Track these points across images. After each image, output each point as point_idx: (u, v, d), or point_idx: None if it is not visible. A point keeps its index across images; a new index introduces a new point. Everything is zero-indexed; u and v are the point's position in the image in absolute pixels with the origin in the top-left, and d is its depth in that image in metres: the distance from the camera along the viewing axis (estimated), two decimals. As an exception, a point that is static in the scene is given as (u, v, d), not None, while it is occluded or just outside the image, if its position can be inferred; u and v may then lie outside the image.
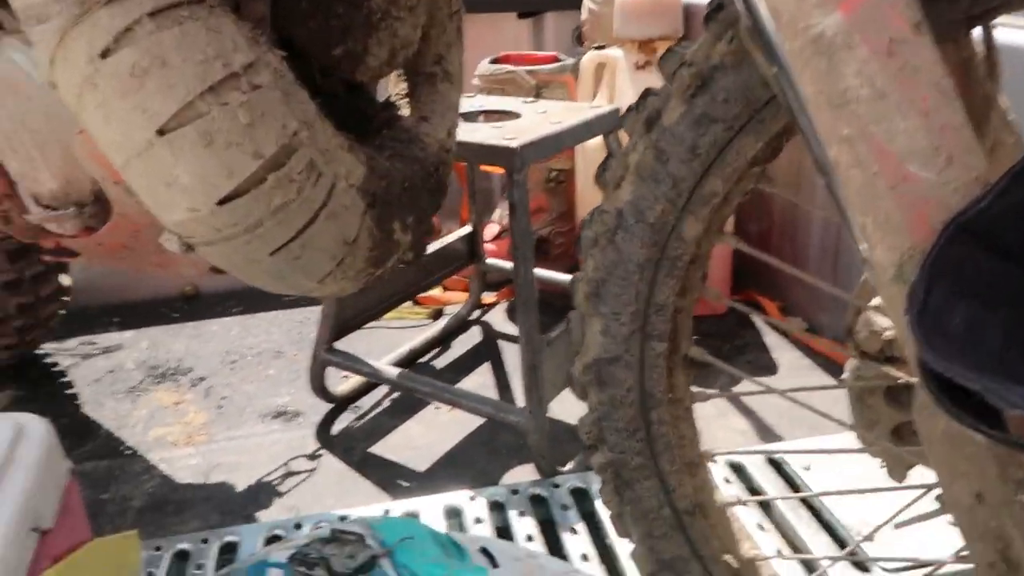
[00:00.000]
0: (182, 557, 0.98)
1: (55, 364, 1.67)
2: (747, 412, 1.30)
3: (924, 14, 0.41)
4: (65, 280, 1.60)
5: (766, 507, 1.01)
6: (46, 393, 1.55)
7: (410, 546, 0.56)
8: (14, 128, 0.90)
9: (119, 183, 0.81)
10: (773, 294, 1.72)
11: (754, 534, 0.94)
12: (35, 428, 0.59)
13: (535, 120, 1.28)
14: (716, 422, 1.29)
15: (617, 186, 0.63)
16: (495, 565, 0.56)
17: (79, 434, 1.39)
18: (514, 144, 1.11)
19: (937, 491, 0.45)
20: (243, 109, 0.62)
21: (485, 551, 0.59)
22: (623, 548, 0.91)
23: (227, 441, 1.33)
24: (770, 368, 1.48)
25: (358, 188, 0.72)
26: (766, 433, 1.25)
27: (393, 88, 1.09)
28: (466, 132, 1.19)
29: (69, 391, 1.55)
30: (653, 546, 0.70)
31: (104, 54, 0.60)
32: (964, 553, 0.43)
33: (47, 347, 1.73)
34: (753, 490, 1.05)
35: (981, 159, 0.41)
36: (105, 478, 1.25)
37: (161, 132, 0.61)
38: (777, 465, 1.08)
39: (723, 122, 0.57)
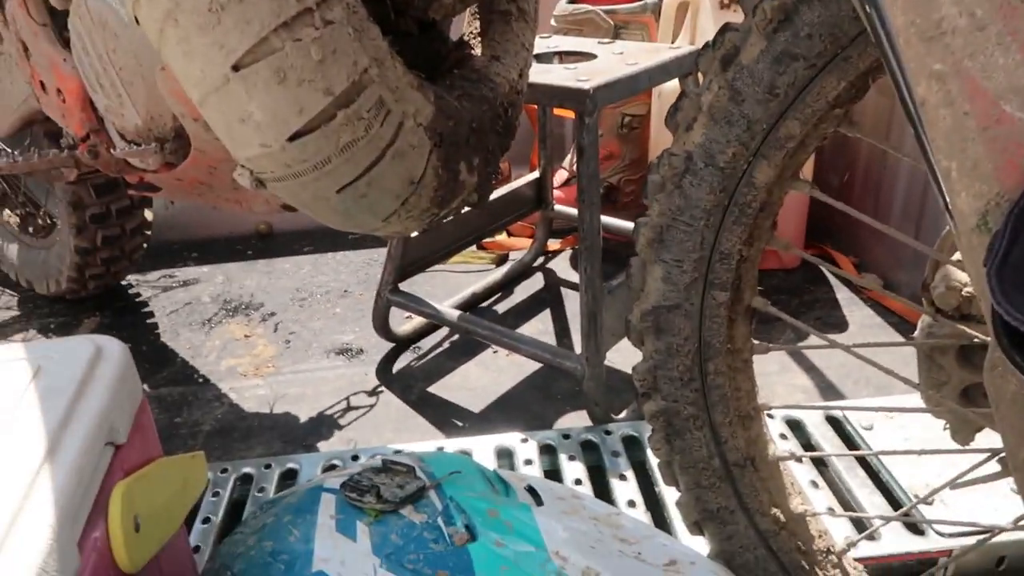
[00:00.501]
0: (246, 480, 1.02)
1: (137, 295, 1.75)
2: (811, 369, 1.27)
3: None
4: (148, 215, 1.66)
5: (821, 464, 0.99)
6: (128, 322, 1.62)
7: (458, 480, 0.57)
8: (102, 64, 0.92)
9: (197, 119, 0.83)
10: (849, 249, 1.66)
11: (807, 491, 0.93)
12: (113, 349, 0.62)
13: (611, 61, 1.25)
14: (778, 378, 1.26)
15: (688, 128, 0.61)
16: (539, 503, 0.57)
17: (156, 361, 1.46)
18: (586, 86, 1.09)
19: (1001, 455, 0.43)
20: (315, 45, 0.62)
21: (531, 489, 0.59)
22: (671, 497, 0.91)
23: (292, 374, 1.38)
24: (840, 325, 1.43)
25: (425, 127, 0.72)
26: (829, 391, 1.22)
27: (467, 27, 1.07)
28: (538, 73, 1.17)
29: (149, 321, 1.63)
30: (700, 495, 0.70)
31: (182, -13, 0.61)
32: (1032, 518, 0.42)
33: (130, 279, 1.81)
34: (810, 446, 1.03)
35: (1086, 102, 0.38)
36: (179, 403, 1.31)
37: (236, 68, 0.62)
38: (837, 423, 1.05)
39: (805, 60, 0.54)
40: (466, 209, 0.92)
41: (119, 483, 0.54)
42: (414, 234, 1.33)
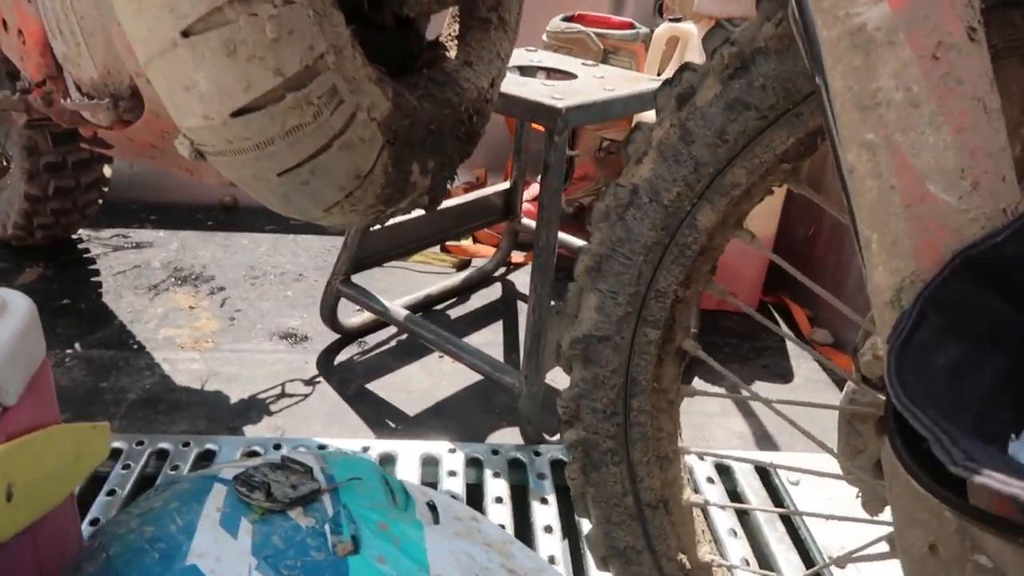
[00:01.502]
0: (161, 456, 0.99)
1: (87, 251, 1.71)
2: (750, 415, 1.27)
3: (983, 20, 0.37)
4: (107, 171, 1.62)
5: (744, 513, 0.99)
6: (72, 277, 1.58)
7: (356, 487, 0.55)
8: (64, 10, 0.90)
9: (151, 80, 0.81)
10: (806, 302, 1.67)
11: (725, 538, 0.92)
12: (18, 304, 0.60)
13: (590, 84, 1.24)
14: (716, 420, 1.26)
15: (639, 161, 0.60)
16: (436, 521, 0.55)
17: (93, 321, 1.42)
18: (559, 104, 1.08)
19: (891, 534, 0.43)
20: (271, 23, 0.60)
21: (432, 506, 0.58)
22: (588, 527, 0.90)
23: (231, 352, 1.35)
24: (785, 376, 1.44)
25: (379, 122, 0.70)
26: (765, 441, 1.23)
27: (446, 29, 1.06)
28: (516, 85, 1.16)
29: (94, 279, 1.58)
30: (610, 531, 0.69)
31: (139, -57, 0.59)
32: (910, 603, 0.41)
33: (82, 233, 1.77)
34: (735, 494, 1.03)
35: (1013, 191, 0.37)
36: (108, 368, 1.27)
37: (186, 34, 0.60)
38: (765, 473, 1.05)
39: (757, 110, 0.53)
40: (420, 211, 0.91)
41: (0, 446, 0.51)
42: (371, 228, 1.31)
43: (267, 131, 0.63)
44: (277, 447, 1.02)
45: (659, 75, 1.74)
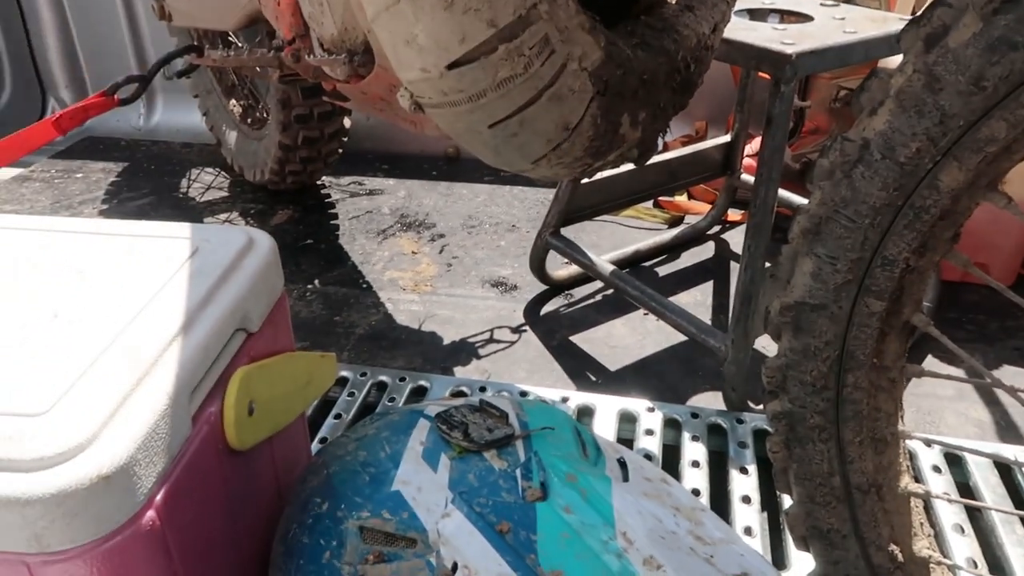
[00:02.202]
0: (381, 387, 1.08)
1: (327, 196, 1.88)
2: (993, 403, 1.13)
3: None
4: (347, 123, 1.76)
5: (976, 510, 0.89)
6: (314, 220, 1.75)
7: (548, 436, 0.56)
8: (309, -29, 0.97)
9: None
10: (1077, 279, 1.43)
11: (949, 534, 0.83)
12: (263, 243, 0.67)
13: (828, 26, 1.14)
14: (950, 405, 1.13)
15: (872, 113, 0.54)
16: (626, 479, 0.55)
17: (331, 260, 1.57)
18: (789, 50, 1.00)
19: None
20: (487, -27, 0.61)
21: (622, 463, 0.57)
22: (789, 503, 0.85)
23: (447, 296, 1.43)
24: (1043, 362, 1.25)
25: (590, 73, 0.69)
26: (1009, 432, 1.08)
27: (667, -29, 1.01)
28: (743, 30, 1.09)
29: (332, 222, 1.74)
30: (812, 511, 0.64)
31: (370, -97, 0.62)
32: None
33: (324, 180, 1.95)
34: (965, 488, 0.92)
35: None
36: (341, 303, 1.40)
37: (408, -11, 0.62)
38: (1006, 469, 0.93)
39: (1026, 52, 0.45)
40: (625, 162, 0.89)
41: (240, 368, 0.58)
42: (581, 181, 1.31)
43: (480, 83, 0.64)
44: (483, 389, 1.07)
45: (914, 15, 1.54)
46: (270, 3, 1.14)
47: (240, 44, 1.65)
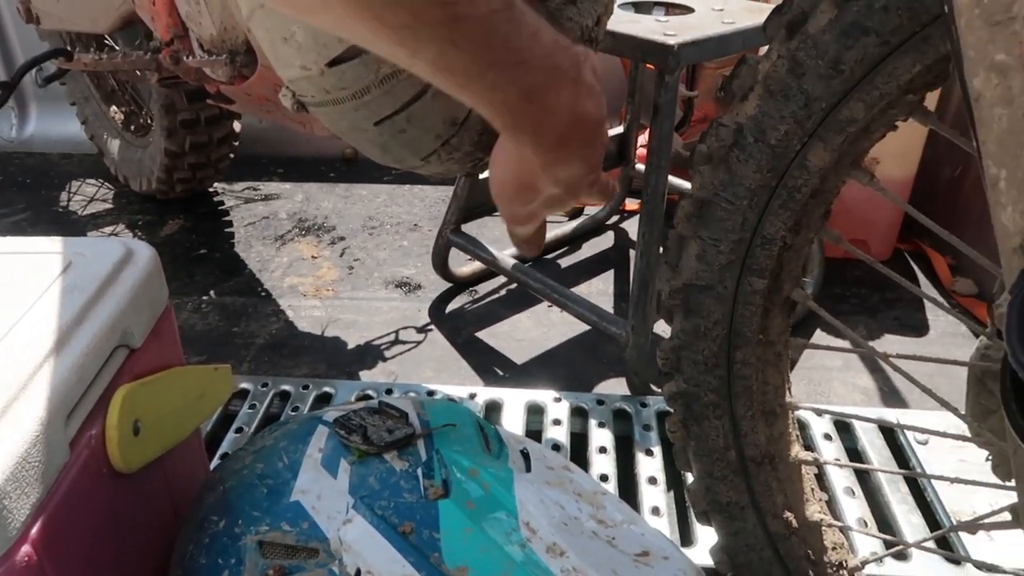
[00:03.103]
0: (284, 397, 1.05)
1: (221, 203, 1.81)
2: (876, 371, 1.20)
3: None
4: (237, 127, 1.70)
5: (865, 472, 0.94)
6: (207, 228, 1.69)
7: (450, 433, 0.56)
8: (184, -31, 0.93)
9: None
10: (946, 248, 1.53)
11: (841, 497, 0.88)
12: (142, 254, 0.64)
13: (708, 17, 1.17)
14: (838, 375, 1.19)
15: (744, 98, 0.56)
16: (528, 469, 0.55)
17: (226, 270, 1.51)
18: (671, 41, 1.02)
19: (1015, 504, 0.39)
20: (363, -33, 0.60)
21: (525, 454, 0.58)
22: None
23: (350, 300, 1.40)
24: (920, 329, 1.34)
25: (475, 66, 0.69)
26: (892, 397, 1.15)
27: (551, -34, 1.02)
28: (627, 23, 1.11)
29: (227, 230, 1.68)
30: (711, 486, 0.67)
31: None
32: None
33: (217, 187, 1.87)
34: (855, 452, 0.97)
35: None
36: (239, 313, 1.36)
37: (282, -17, 0.60)
38: (890, 432, 0.99)
39: (878, 35, 0.48)
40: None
41: (122, 386, 0.56)
42: (478, 177, 1.31)
43: (363, 80, 0.63)
44: (389, 392, 1.05)
45: (786, 6, 1.62)
46: (146, 4, 1.08)
47: (117, 47, 1.57)
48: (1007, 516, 0.51)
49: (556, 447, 0.95)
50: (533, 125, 0.42)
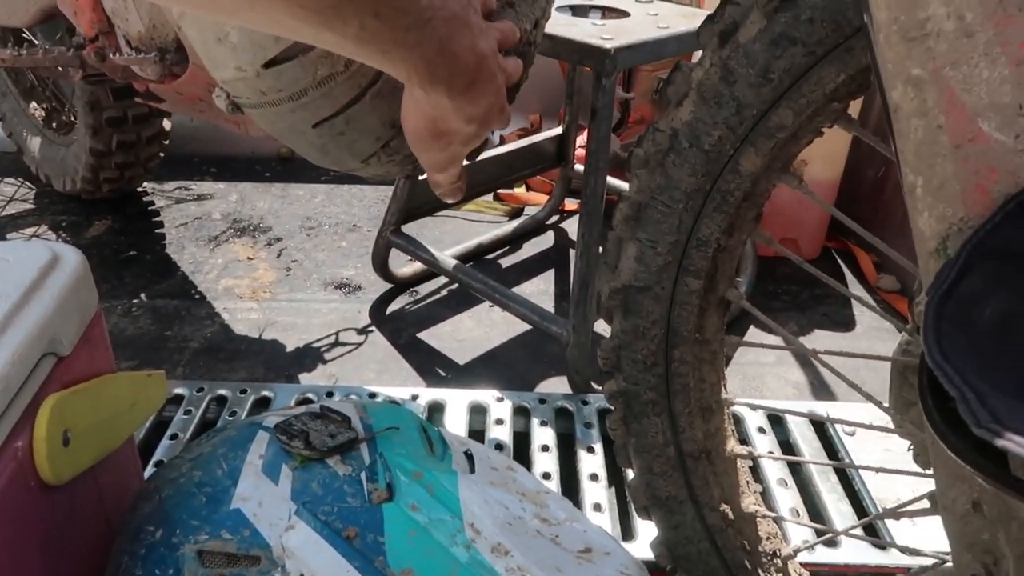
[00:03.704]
0: (221, 402, 1.03)
1: (151, 203, 1.76)
2: (807, 365, 1.24)
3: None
4: (167, 125, 1.65)
5: (797, 463, 0.97)
6: (137, 229, 1.63)
7: (393, 436, 0.56)
8: (110, -37, 0.90)
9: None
10: (871, 246, 1.60)
11: (774, 489, 0.91)
12: (69, 258, 0.61)
13: (643, 22, 1.20)
14: (772, 370, 1.23)
15: (678, 104, 0.58)
16: (472, 470, 0.56)
17: (158, 272, 1.47)
18: (607, 45, 1.04)
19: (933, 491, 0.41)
20: (300, -33, 0.59)
21: (468, 455, 0.58)
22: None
23: (288, 302, 1.38)
24: (847, 324, 1.39)
25: (415, 68, 0.69)
26: (822, 390, 1.19)
27: (489, -32, 1.03)
28: (564, 26, 1.13)
29: (158, 231, 1.63)
30: (651, 481, 0.68)
31: None
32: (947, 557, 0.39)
33: (147, 186, 1.82)
34: (788, 445, 1.01)
35: (1079, 129, 0.34)
36: (172, 317, 1.32)
37: (216, -19, 0.59)
38: (820, 424, 1.02)
39: (804, 45, 0.50)
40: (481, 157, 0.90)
41: (50, 395, 0.54)
42: (418, 178, 1.31)
43: (300, 82, 0.62)
44: (330, 394, 1.04)
45: (718, 11, 1.66)
46: (67, -3, 1.04)
47: (37, 42, 1.50)
48: (927, 503, 0.53)
49: (499, 447, 0.96)
50: (447, 72, 0.48)
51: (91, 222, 1.65)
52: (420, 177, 1.32)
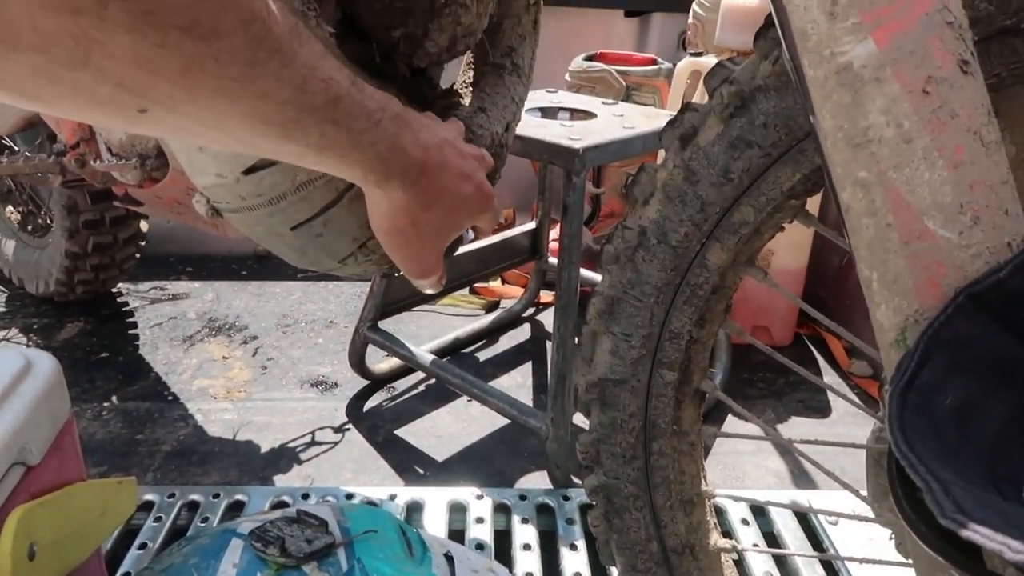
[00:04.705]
0: (192, 507, 1.00)
1: (125, 304, 1.75)
2: (786, 453, 1.24)
3: (975, 51, 0.37)
4: (144, 226, 1.67)
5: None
6: (110, 331, 1.62)
7: (371, 540, 0.55)
8: (93, 75, 0.93)
9: (175, 139, 0.83)
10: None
11: (761, 583, 0.90)
12: (43, 365, 0.61)
13: (609, 122, 1.25)
14: (751, 459, 1.23)
15: (645, 202, 0.60)
16: (453, 574, 0.54)
17: (130, 374, 1.45)
18: (576, 145, 1.08)
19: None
20: (280, 80, 0.62)
21: (449, 557, 0.57)
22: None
23: (263, 401, 1.36)
24: (823, 411, 1.40)
25: (391, 172, 0.71)
26: (802, 479, 1.19)
27: (461, 76, 1.08)
28: (534, 128, 1.17)
29: (131, 332, 1.62)
30: (635, 581, 0.67)
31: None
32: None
33: (121, 287, 1.81)
34: (771, 536, 0.99)
35: (1018, 224, 0.36)
36: (143, 419, 1.29)
37: (198, 95, 0.61)
38: (802, 514, 1.02)
39: (760, 148, 0.53)
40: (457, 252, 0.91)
41: (17, 507, 0.52)
42: (394, 275, 1.33)
43: (279, 187, 0.64)
44: (305, 496, 1.02)
45: (681, 111, 1.74)
46: (49, 107, 1.07)
47: (17, 148, 1.53)
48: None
49: (480, 547, 0.93)
50: (399, 165, 0.51)
51: (63, 324, 1.64)
52: (397, 274, 1.33)
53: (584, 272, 1.46)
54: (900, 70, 0.36)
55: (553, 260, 1.70)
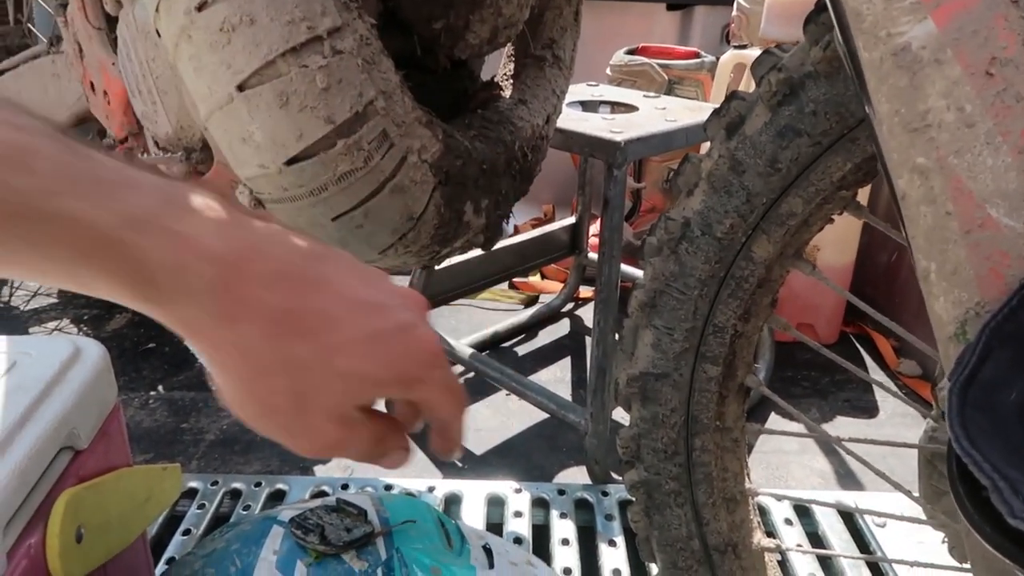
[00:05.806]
0: (235, 495, 1.02)
1: (172, 295, 1.78)
2: (831, 453, 1.21)
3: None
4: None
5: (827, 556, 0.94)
6: (157, 322, 1.65)
7: (410, 530, 0.55)
8: (142, 71, 0.95)
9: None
10: (890, 331, 1.58)
11: (805, 584, 0.88)
12: (91, 352, 0.62)
13: (651, 115, 1.24)
14: (795, 459, 1.20)
15: (689, 194, 0.59)
16: (491, 566, 0.54)
17: (176, 364, 1.48)
18: (618, 138, 1.07)
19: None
20: (321, 73, 0.62)
21: (487, 549, 0.57)
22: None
23: (304, 393, 1.37)
24: (870, 411, 1.37)
25: (431, 164, 0.71)
26: (848, 479, 1.16)
27: (502, 69, 1.07)
28: (575, 121, 1.16)
29: (178, 322, 1.65)
30: (675, 578, 0.66)
31: (200, 7, 0.62)
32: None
33: (168, 279, 1.85)
34: (816, 537, 0.97)
35: (1088, 213, 0.34)
36: (188, 409, 1.32)
37: (241, 88, 0.62)
38: (849, 515, 0.99)
39: (809, 136, 0.51)
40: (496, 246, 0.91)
41: (65, 491, 0.53)
42: (435, 267, 1.33)
43: (320, 178, 0.64)
44: (345, 487, 1.03)
45: (725, 103, 1.71)
46: (100, 102, 1.10)
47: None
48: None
49: (518, 540, 0.93)
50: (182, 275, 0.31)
51: (112, 315, 1.68)
52: (437, 267, 1.33)
53: (624, 267, 1.44)
54: (962, 51, 0.34)
55: (593, 255, 1.68)
